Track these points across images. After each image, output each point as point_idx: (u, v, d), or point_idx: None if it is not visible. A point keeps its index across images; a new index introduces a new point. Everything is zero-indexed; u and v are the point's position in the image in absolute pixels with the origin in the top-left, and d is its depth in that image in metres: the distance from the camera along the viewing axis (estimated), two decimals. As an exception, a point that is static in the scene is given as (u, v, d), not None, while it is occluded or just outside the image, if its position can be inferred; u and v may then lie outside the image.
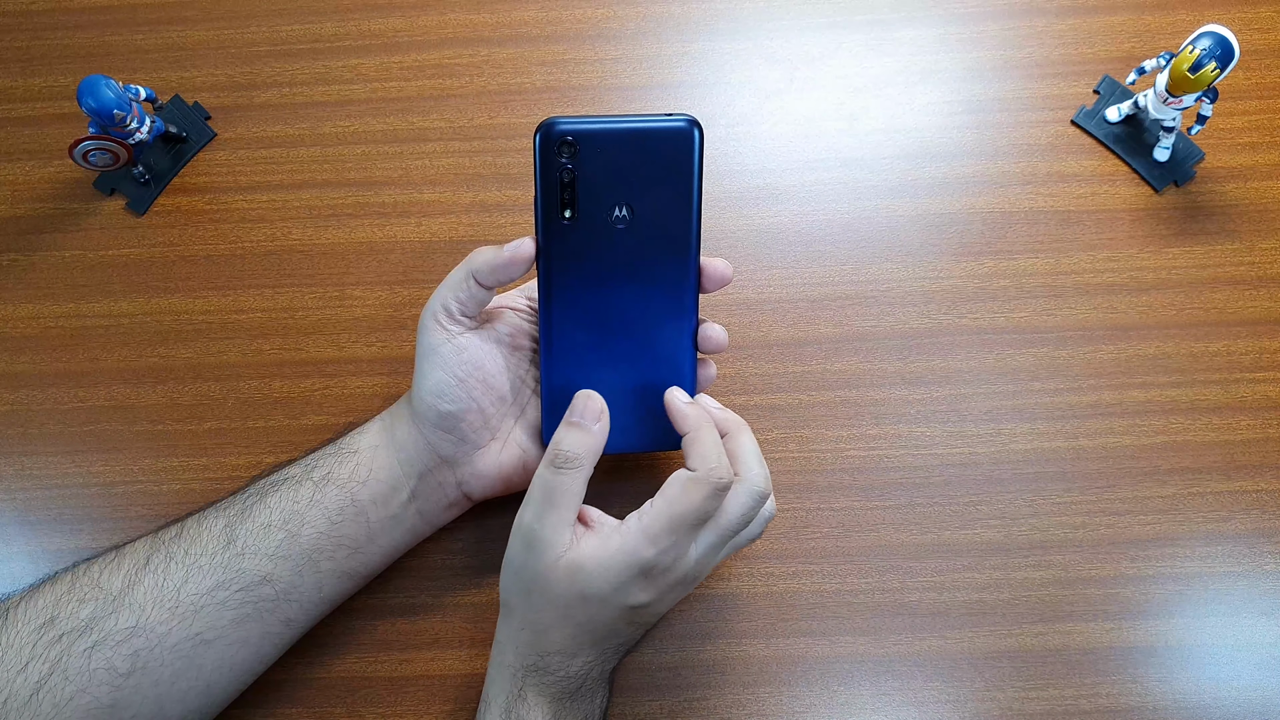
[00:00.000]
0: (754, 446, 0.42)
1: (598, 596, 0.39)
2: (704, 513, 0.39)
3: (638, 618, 0.40)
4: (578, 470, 0.39)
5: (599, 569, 0.38)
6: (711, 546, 0.40)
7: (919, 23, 0.59)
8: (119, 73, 0.54)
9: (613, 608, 0.39)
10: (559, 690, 0.41)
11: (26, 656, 0.37)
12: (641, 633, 0.43)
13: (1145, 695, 0.47)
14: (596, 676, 0.42)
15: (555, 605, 0.39)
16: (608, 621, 0.40)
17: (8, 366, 0.53)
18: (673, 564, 0.39)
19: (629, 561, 0.38)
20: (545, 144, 0.39)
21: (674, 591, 0.41)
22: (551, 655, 0.40)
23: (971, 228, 0.54)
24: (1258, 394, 0.51)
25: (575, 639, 0.40)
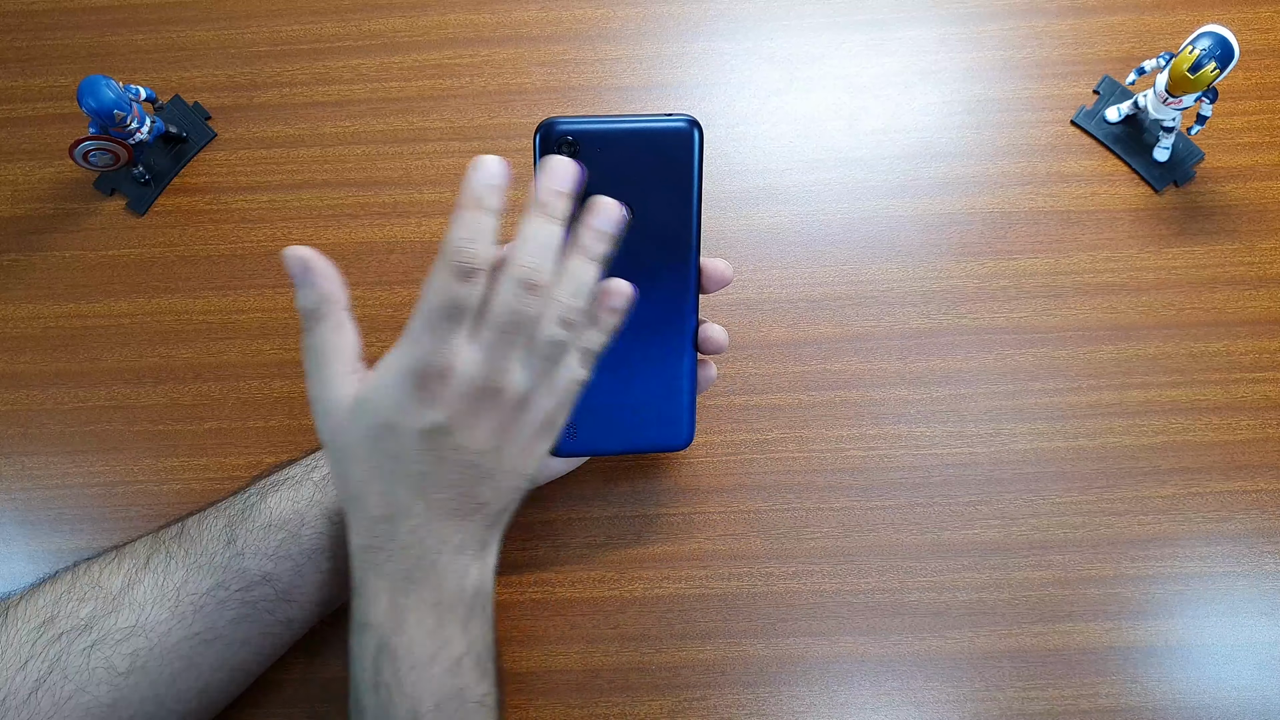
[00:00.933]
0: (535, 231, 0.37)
1: (385, 424, 0.36)
2: (450, 297, 0.35)
3: (443, 448, 0.36)
4: (322, 321, 0.37)
5: (373, 392, 0.36)
6: (490, 344, 0.36)
7: (919, 23, 0.59)
8: (119, 73, 0.54)
9: (405, 435, 0.36)
10: (393, 569, 0.37)
11: (26, 655, 0.37)
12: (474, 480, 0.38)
13: (1145, 695, 0.47)
14: (434, 548, 0.37)
15: (357, 456, 0.37)
16: (409, 456, 0.36)
17: (8, 366, 0.53)
18: (447, 367, 0.35)
19: (395, 370, 0.36)
20: (545, 144, 0.39)
21: (473, 410, 0.37)
22: (375, 523, 0.37)
23: (971, 228, 0.54)
24: (1257, 394, 0.51)
25: (388, 491, 0.37)
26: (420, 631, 0.37)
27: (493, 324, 0.36)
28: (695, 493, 0.50)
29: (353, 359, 0.38)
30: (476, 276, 0.35)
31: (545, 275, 0.37)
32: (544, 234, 0.37)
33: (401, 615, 0.37)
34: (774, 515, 0.50)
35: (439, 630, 0.37)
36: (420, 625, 0.37)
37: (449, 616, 0.38)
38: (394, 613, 0.37)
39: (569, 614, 0.49)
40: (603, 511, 0.50)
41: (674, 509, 0.50)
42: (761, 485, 0.50)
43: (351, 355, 0.38)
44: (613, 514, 0.50)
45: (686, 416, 0.45)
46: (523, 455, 0.39)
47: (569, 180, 0.37)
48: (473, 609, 0.39)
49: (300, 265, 0.37)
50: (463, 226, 0.35)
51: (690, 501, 0.50)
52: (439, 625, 0.38)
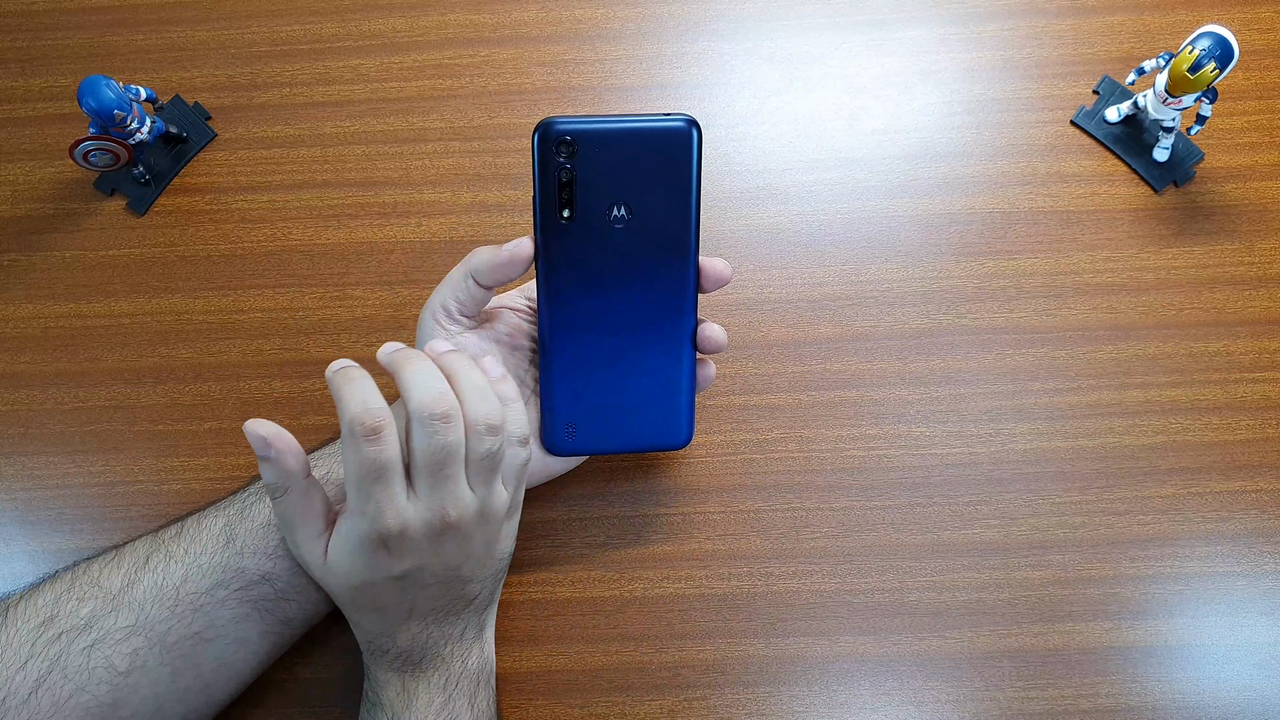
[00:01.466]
0: (415, 375, 0.38)
1: (360, 583, 0.39)
2: (368, 461, 0.36)
3: (420, 582, 0.39)
4: (287, 493, 0.38)
5: (341, 563, 0.39)
6: (430, 488, 0.38)
7: (919, 23, 0.59)
8: (119, 73, 0.54)
9: (381, 586, 0.39)
10: (400, 664, 0.41)
11: (26, 654, 0.37)
12: (458, 588, 0.41)
13: (1145, 695, 0.47)
14: (437, 643, 0.41)
15: (343, 599, 0.40)
16: (392, 598, 0.39)
17: (8, 366, 0.53)
18: (402, 525, 0.37)
19: (352, 541, 0.38)
20: (544, 144, 0.39)
21: (436, 546, 0.38)
22: (375, 638, 0.41)
23: (971, 228, 0.54)
24: (1257, 394, 0.51)
25: (380, 621, 0.40)
26: (430, 710, 0.40)
27: (422, 468, 0.38)
28: (695, 493, 0.50)
29: (321, 521, 0.39)
30: (382, 431, 0.37)
31: (446, 402, 0.38)
32: (423, 372, 0.39)
33: (411, 696, 0.40)
34: (774, 515, 0.50)
35: (447, 706, 0.41)
36: (430, 704, 0.40)
37: (456, 694, 0.41)
38: (404, 694, 0.40)
39: (569, 614, 0.49)
40: (603, 511, 0.50)
41: (674, 509, 0.50)
42: (761, 485, 0.50)
43: (319, 519, 0.39)
44: (613, 514, 0.50)
45: (685, 416, 0.45)
46: (495, 547, 0.42)
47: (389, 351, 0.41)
48: (478, 684, 0.42)
49: (261, 443, 0.38)
50: (349, 397, 0.37)
51: (690, 501, 0.50)
52: (447, 702, 0.41)
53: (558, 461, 0.46)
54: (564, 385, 0.44)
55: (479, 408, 0.39)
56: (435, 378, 0.38)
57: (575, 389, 0.44)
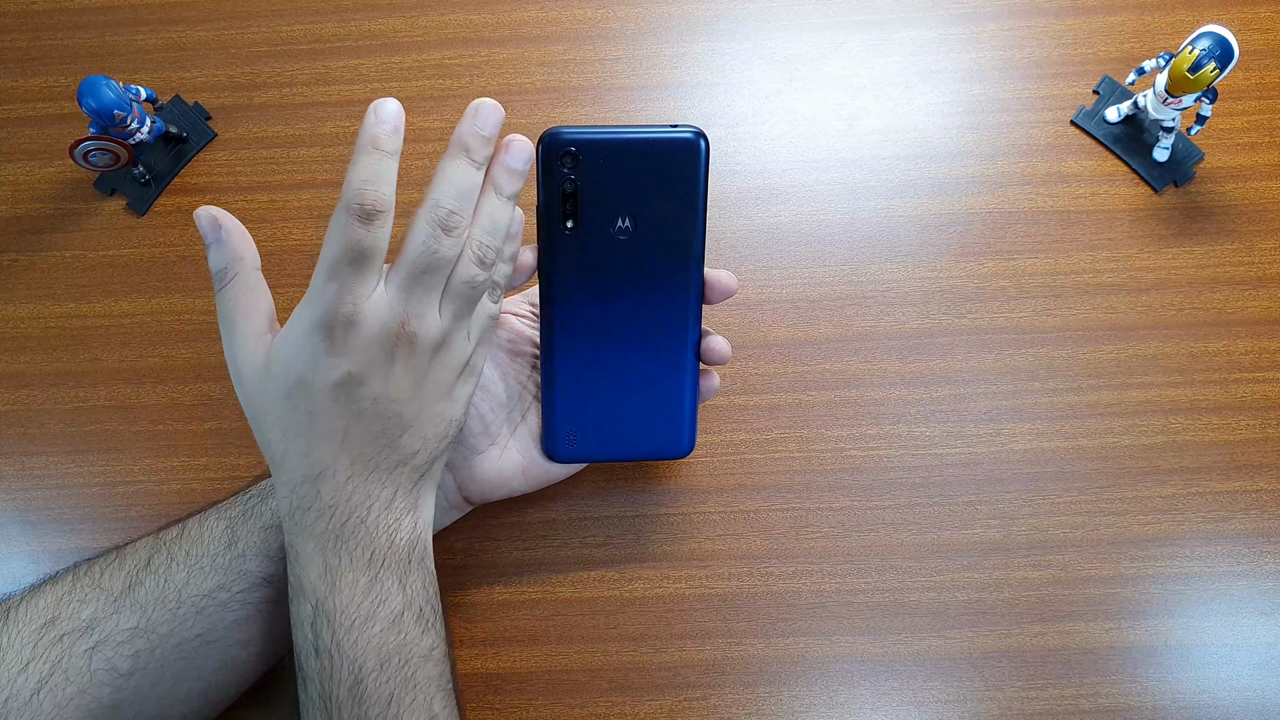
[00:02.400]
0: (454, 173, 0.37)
1: (297, 381, 0.35)
2: (352, 241, 0.34)
3: (359, 398, 0.36)
4: (234, 279, 0.36)
5: (283, 350, 0.36)
6: (403, 288, 0.36)
7: (919, 23, 0.59)
8: (119, 73, 0.54)
9: (320, 390, 0.35)
10: (322, 530, 0.36)
11: (27, 656, 0.37)
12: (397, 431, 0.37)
13: (1145, 695, 0.47)
14: (362, 504, 0.37)
15: (274, 417, 0.36)
16: (326, 411, 0.36)
17: (8, 366, 0.53)
18: (355, 313, 0.35)
19: (302, 323, 0.35)
20: (548, 154, 0.39)
21: (388, 358, 0.36)
22: (299, 485, 0.37)
23: (971, 228, 0.54)
24: (1257, 394, 0.51)
25: (309, 451, 0.36)
26: (355, 590, 0.36)
27: (407, 265, 0.36)
28: (695, 493, 0.50)
29: (265, 320, 0.37)
30: (379, 219, 0.35)
31: (464, 217, 0.37)
32: (464, 176, 0.37)
33: (335, 576, 0.36)
34: (774, 515, 0.50)
35: (374, 587, 0.37)
36: (355, 584, 0.36)
37: (384, 573, 0.37)
38: (327, 575, 0.36)
39: (569, 614, 0.49)
40: (603, 511, 0.50)
41: (674, 509, 0.50)
42: (761, 485, 0.50)
43: (264, 316, 0.37)
44: (613, 514, 0.50)
45: (688, 426, 0.45)
46: (446, 401, 0.39)
47: (492, 124, 0.37)
48: (409, 563, 0.38)
49: (212, 223, 0.36)
50: (362, 169, 0.35)
51: (690, 501, 0.50)
52: (373, 582, 0.37)
53: (558, 468, 0.46)
54: (566, 393, 0.44)
55: (485, 236, 0.37)
56: (471, 183, 0.37)
57: (577, 397, 0.44)
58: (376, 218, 0.35)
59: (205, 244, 0.37)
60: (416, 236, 0.36)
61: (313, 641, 0.36)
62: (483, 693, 0.47)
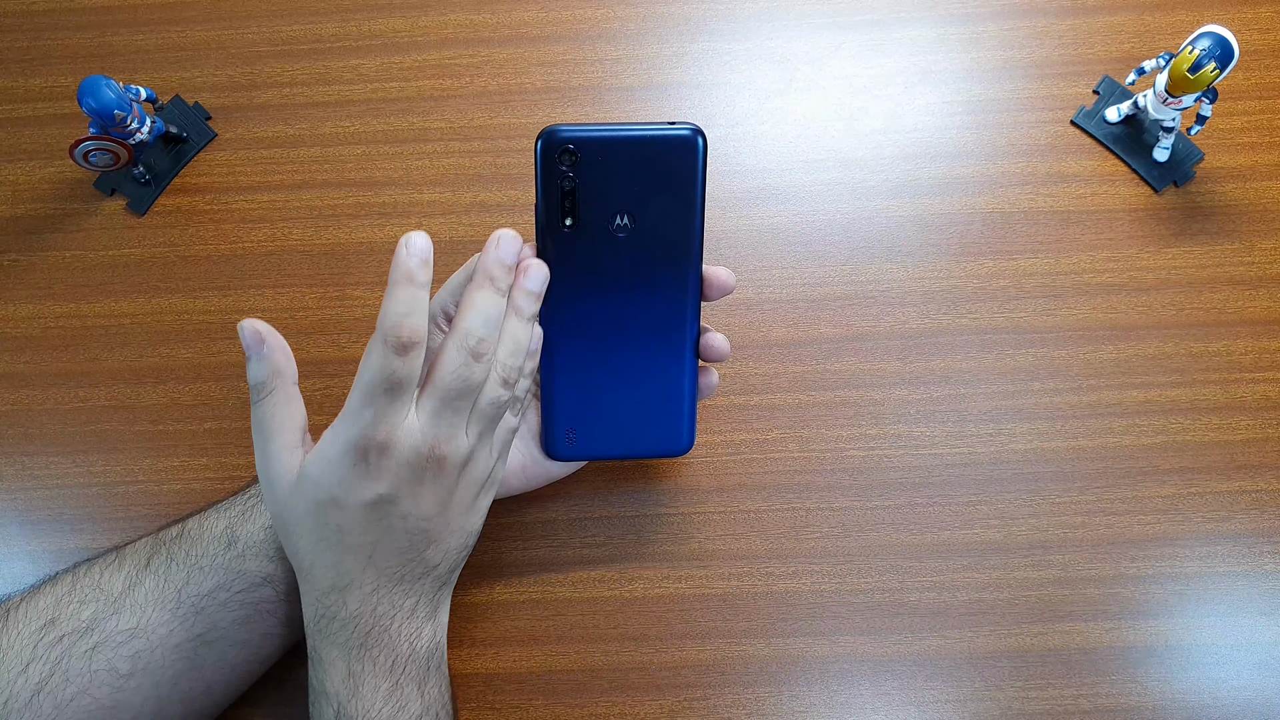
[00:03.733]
0: (481, 303, 0.38)
1: (329, 499, 0.36)
2: (389, 372, 0.35)
3: (389, 516, 0.37)
4: (271, 394, 0.37)
5: (316, 468, 0.37)
6: (434, 413, 0.37)
7: (919, 23, 0.59)
8: (119, 73, 0.54)
9: (352, 509, 0.36)
10: (346, 638, 0.38)
11: (28, 657, 0.37)
12: (422, 546, 0.39)
13: (1145, 695, 0.47)
14: (387, 614, 0.38)
15: (304, 530, 0.37)
16: (356, 528, 0.37)
17: (9, 366, 0.53)
18: (389, 439, 0.36)
19: (337, 444, 0.36)
20: (546, 152, 0.39)
21: (417, 479, 0.37)
22: (326, 595, 0.38)
23: (971, 228, 0.54)
24: (1257, 394, 0.51)
25: (337, 564, 0.37)
26: (376, 696, 0.38)
27: (439, 392, 0.37)
28: (695, 493, 0.50)
29: (299, 433, 0.38)
30: (414, 350, 0.36)
31: (492, 344, 0.38)
32: (491, 305, 0.38)
33: (358, 682, 0.38)
34: (774, 515, 0.50)
35: (394, 693, 0.38)
36: (376, 690, 0.38)
37: (404, 679, 0.39)
38: (350, 680, 0.38)
39: (569, 614, 0.49)
40: (603, 511, 0.50)
41: (674, 509, 0.50)
42: (761, 485, 0.50)
43: (298, 429, 0.38)
44: (613, 514, 0.50)
45: (687, 423, 0.45)
46: (468, 514, 0.40)
47: (513, 254, 0.39)
48: (428, 669, 0.40)
49: (255, 337, 0.37)
50: (398, 302, 0.36)
51: (690, 501, 0.50)
52: (394, 688, 0.38)
53: (557, 466, 0.46)
54: (565, 391, 0.44)
55: (509, 358, 0.39)
56: (497, 310, 0.38)
57: (576, 395, 0.44)
58: (412, 349, 0.36)
59: (246, 355, 0.37)
60: (449, 363, 0.37)
61: None
62: (483, 693, 0.48)
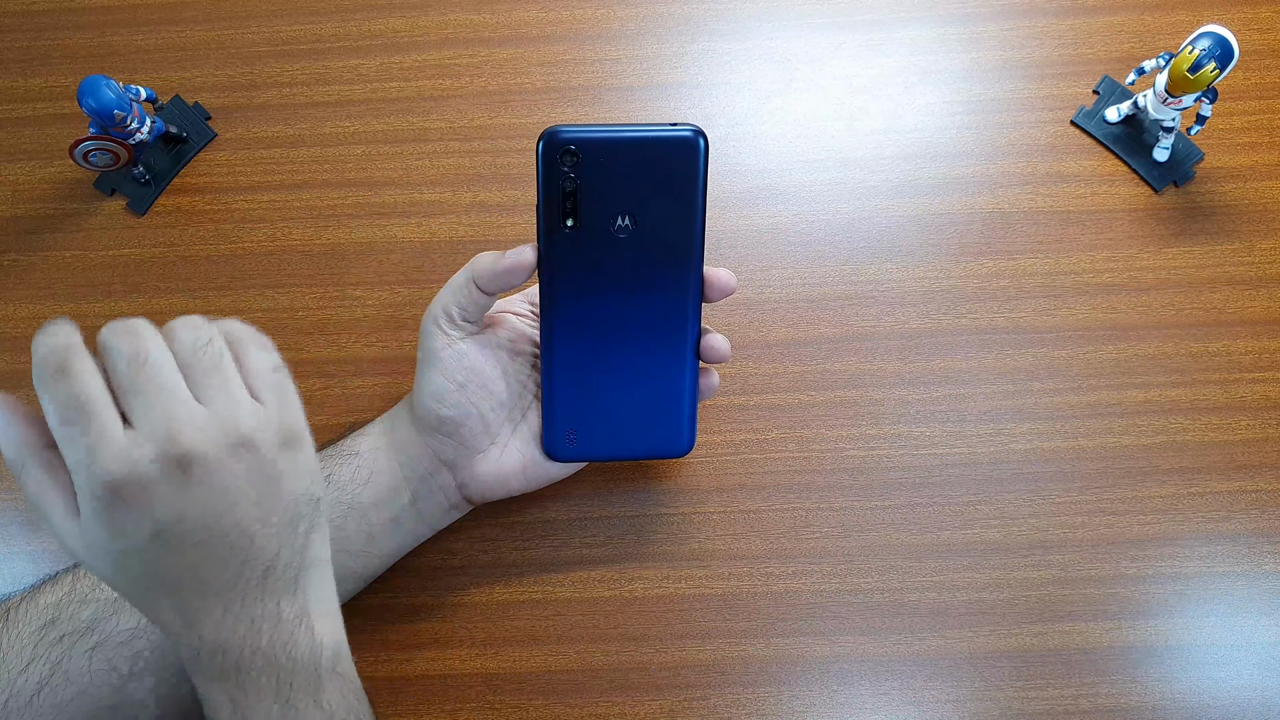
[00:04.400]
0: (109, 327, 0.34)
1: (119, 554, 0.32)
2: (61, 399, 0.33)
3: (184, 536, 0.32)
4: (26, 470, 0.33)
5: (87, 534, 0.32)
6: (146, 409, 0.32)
7: (919, 23, 0.59)
8: (119, 73, 0.54)
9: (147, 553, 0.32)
10: (217, 671, 0.33)
11: (28, 657, 0.37)
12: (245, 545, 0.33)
13: (1145, 695, 0.47)
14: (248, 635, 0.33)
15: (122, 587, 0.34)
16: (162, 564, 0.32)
17: (8, 366, 0.53)
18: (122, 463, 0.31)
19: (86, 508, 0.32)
20: (548, 153, 0.39)
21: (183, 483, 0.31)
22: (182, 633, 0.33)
23: (971, 228, 0.54)
24: (1257, 394, 0.51)
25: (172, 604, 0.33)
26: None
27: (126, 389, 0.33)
28: (695, 493, 0.50)
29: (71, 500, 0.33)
30: (71, 364, 0.33)
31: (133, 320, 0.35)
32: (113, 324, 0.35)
33: (245, 712, 0.33)
34: (774, 515, 0.50)
35: (287, 713, 0.34)
36: (268, 717, 0.33)
37: (295, 695, 0.34)
38: (236, 713, 0.33)
39: (569, 614, 0.49)
40: (603, 511, 0.50)
41: (674, 509, 0.50)
42: (761, 485, 0.50)
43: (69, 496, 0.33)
44: (613, 514, 0.50)
45: (687, 424, 0.45)
46: (275, 485, 0.33)
47: None
48: (319, 676, 0.35)
49: None
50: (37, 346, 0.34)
51: (690, 501, 0.50)
52: (286, 708, 0.34)
53: (557, 467, 0.46)
54: (566, 392, 0.44)
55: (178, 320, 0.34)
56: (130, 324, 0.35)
57: (577, 396, 0.44)
58: (70, 363, 0.33)
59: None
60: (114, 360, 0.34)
61: None
62: (483, 693, 0.48)
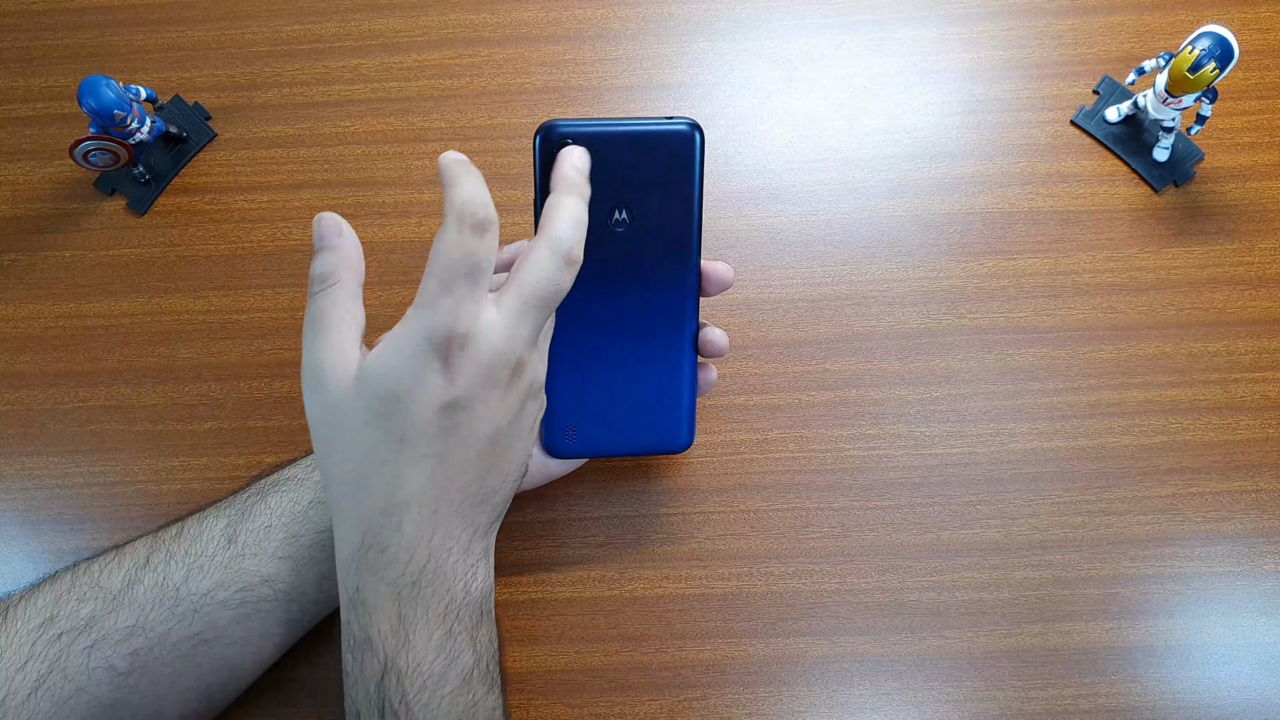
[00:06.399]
0: (571, 208, 0.35)
1: (396, 400, 0.32)
2: (469, 252, 0.32)
3: (460, 425, 0.33)
4: (336, 285, 0.34)
5: (381, 363, 0.33)
6: (518, 314, 0.34)
7: (919, 23, 0.59)
8: (119, 73, 0.54)
9: (422, 412, 0.33)
10: (398, 574, 0.34)
11: (26, 655, 0.37)
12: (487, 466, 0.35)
13: (1144, 695, 0.47)
14: (442, 549, 0.34)
15: (357, 437, 0.33)
16: (424, 435, 0.33)
17: (8, 366, 0.53)
18: (471, 332, 0.33)
19: (411, 337, 0.32)
20: (545, 146, 0.39)
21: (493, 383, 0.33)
22: (374, 517, 0.34)
23: (971, 228, 0.54)
24: (1257, 394, 0.51)
25: (394, 477, 0.33)
26: (430, 647, 0.34)
27: (526, 294, 0.34)
28: (695, 493, 0.50)
29: (358, 332, 0.35)
30: (490, 230, 0.33)
31: (580, 251, 0.35)
32: (579, 211, 0.36)
33: (409, 630, 0.34)
34: (774, 515, 0.50)
35: (448, 643, 0.35)
36: (430, 640, 0.34)
37: (458, 627, 0.35)
38: (401, 627, 0.34)
39: (569, 614, 0.49)
40: (603, 511, 0.50)
41: (674, 509, 0.50)
42: (761, 485, 0.50)
43: (357, 328, 0.35)
44: (613, 514, 0.50)
45: (686, 419, 0.45)
46: (528, 438, 0.37)
47: (588, 162, 0.37)
48: (480, 615, 0.37)
49: (333, 227, 0.35)
50: (465, 186, 0.33)
51: (690, 501, 0.50)
52: (448, 637, 0.35)
53: (557, 464, 0.46)
54: (564, 387, 0.44)
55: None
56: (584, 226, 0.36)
57: (575, 391, 0.44)
58: (489, 229, 0.33)
59: (316, 246, 0.35)
60: (540, 265, 0.34)
61: (377, 701, 0.34)
62: (482, 693, 0.47)
